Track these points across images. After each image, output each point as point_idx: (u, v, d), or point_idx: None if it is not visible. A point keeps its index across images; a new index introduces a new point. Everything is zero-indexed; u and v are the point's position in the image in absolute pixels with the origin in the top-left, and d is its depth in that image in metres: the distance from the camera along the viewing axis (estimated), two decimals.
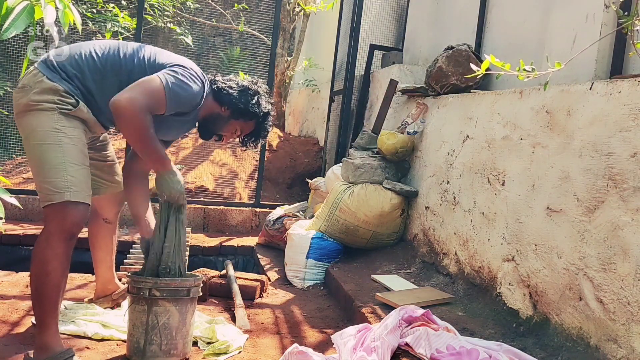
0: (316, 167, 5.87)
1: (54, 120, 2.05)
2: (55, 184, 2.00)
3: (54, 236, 1.99)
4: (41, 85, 2.07)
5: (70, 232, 2.01)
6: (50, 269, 1.97)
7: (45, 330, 1.98)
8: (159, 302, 2.07)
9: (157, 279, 2.10)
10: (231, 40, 7.05)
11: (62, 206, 1.99)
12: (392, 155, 3.64)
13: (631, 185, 1.90)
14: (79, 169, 2.06)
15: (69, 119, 2.10)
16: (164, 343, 2.07)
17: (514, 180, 2.58)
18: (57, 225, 1.99)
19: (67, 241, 2.00)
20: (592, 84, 2.17)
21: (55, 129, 2.04)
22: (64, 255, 2.00)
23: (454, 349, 1.95)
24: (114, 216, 2.60)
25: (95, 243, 2.61)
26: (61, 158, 2.03)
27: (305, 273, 3.43)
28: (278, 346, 2.40)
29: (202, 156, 5.54)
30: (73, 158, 2.06)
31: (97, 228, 2.59)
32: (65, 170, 2.01)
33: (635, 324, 1.82)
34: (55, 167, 2.02)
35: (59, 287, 2.01)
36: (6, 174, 5.04)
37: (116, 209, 2.60)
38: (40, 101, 2.06)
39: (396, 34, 5.37)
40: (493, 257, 2.65)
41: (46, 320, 1.98)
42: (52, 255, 1.98)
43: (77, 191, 2.02)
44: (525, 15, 3.41)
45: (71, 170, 2.03)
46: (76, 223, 2.03)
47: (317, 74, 7.41)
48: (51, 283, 1.98)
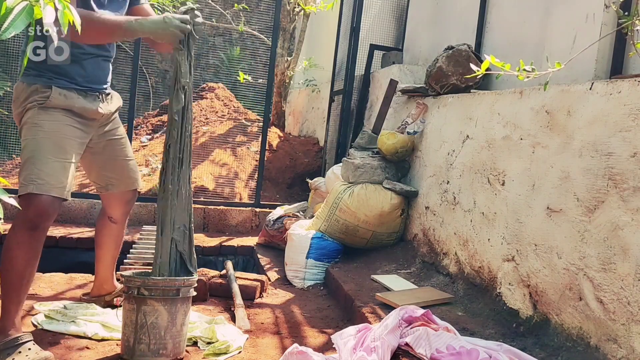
0: (316, 167, 5.87)
1: (34, 116, 2.16)
2: (24, 176, 2.09)
3: (18, 225, 2.07)
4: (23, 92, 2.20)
5: (32, 222, 2.06)
6: (13, 255, 2.05)
7: (5, 315, 2.05)
8: (147, 302, 2.06)
9: (145, 277, 2.10)
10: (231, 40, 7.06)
11: (26, 197, 2.07)
12: (392, 155, 3.64)
13: (631, 185, 1.90)
14: (49, 162, 2.11)
15: (49, 113, 2.18)
16: (153, 342, 2.06)
17: (514, 180, 2.57)
18: (21, 215, 2.06)
19: (29, 230, 2.06)
20: (592, 84, 2.17)
21: (34, 124, 2.16)
22: (27, 245, 2.06)
23: (454, 349, 1.95)
24: (120, 216, 2.58)
25: (98, 240, 2.63)
26: (32, 152, 2.12)
27: (305, 273, 3.43)
28: (278, 346, 2.40)
29: (202, 156, 5.54)
30: (45, 151, 2.12)
31: (102, 225, 2.60)
32: (34, 164, 2.09)
33: (635, 324, 1.81)
34: (26, 161, 2.12)
35: (22, 275, 2.06)
36: (6, 174, 5.05)
37: (123, 209, 2.57)
38: (26, 104, 2.18)
39: (396, 34, 5.37)
40: (493, 257, 2.65)
41: (8, 306, 2.05)
42: (14, 243, 2.05)
43: (41, 184, 2.07)
44: (525, 15, 3.41)
45: (39, 164, 2.09)
46: (38, 214, 2.07)
47: (317, 74, 7.41)
48: (13, 270, 2.05)
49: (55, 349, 2.13)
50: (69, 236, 3.98)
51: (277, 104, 6.91)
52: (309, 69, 7.56)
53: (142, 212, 4.59)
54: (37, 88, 2.18)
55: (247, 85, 6.25)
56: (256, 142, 5.69)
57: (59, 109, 2.20)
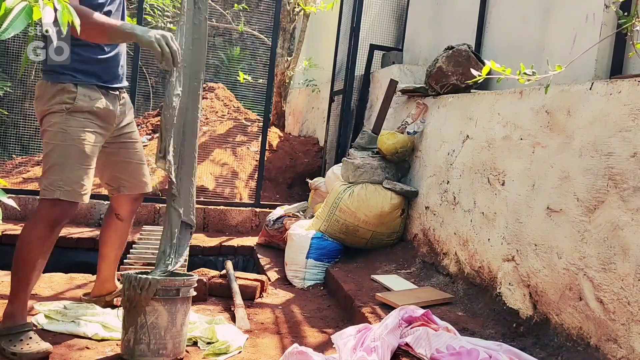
0: (316, 167, 5.87)
1: (62, 121, 2.23)
2: (51, 181, 2.19)
3: (41, 222, 2.19)
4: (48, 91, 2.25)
5: (55, 221, 2.20)
6: (31, 248, 2.16)
7: (15, 302, 2.17)
8: None
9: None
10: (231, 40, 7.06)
11: (52, 202, 2.19)
12: (392, 155, 3.64)
13: (631, 185, 1.90)
14: (75, 169, 2.22)
15: (76, 118, 2.25)
16: (153, 342, 2.06)
17: (514, 180, 2.57)
18: (44, 215, 2.19)
19: (51, 227, 2.19)
20: (592, 84, 2.17)
21: (61, 129, 2.23)
22: (46, 240, 2.19)
23: (454, 349, 1.95)
24: (127, 214, 2.62)
25: (103, 237, 2.65)
26: (60, 158, 2.20)
27: (305, 273, 3.43)
28: (278, 346, 2.40)
29: (202, 156, 5.54)
30: (72, 159, 2.22)
31: (109, 222, 2.63)
32: (62, 171, 2.20)
33: (635, 324, 1.81)
34: (53, 166, 2.21)
35: (34, 266, 2.17)
36: (6, 174, 5.05)
37: (130, 207, 2.61)
38: (52, 104, 2.23)
39: (396, 34, 5.37)
40: (493, 257, 2.65)
41: (18, 293, 2.17)
42: (35, 237, 2.17)
43: (69, 190, 2.19)
44: (525, 15, 3.41)
45: (67, 171, 2.20)
46: (63, 216, 2.23)
47: (317, 74, 7.41)
48: (30, 261, 2.16)
49: (55, 349, 2.13)
50: (69, 236, 3.98)
51: (277, 104, 6.91)
52: (309, 69, 7.56)
53: (142, 212, 4.59)
54: (64, 88, 2.23)
55: (247, 85, 6.25)
56: (256, 142, 5.69)
57: (85, 112, 2.26)
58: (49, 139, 2.23)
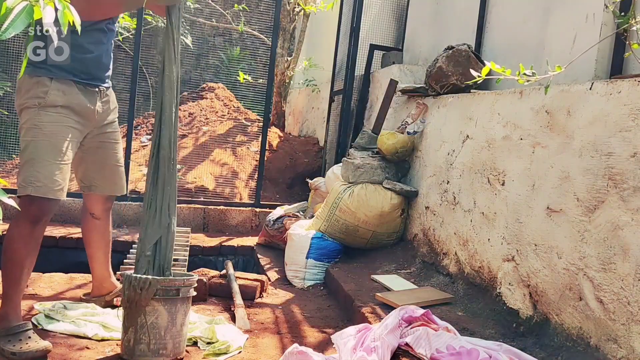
0: (316, 167, 5.87)
1: (34, 117, 2.22)
2: (23, 177, 2.18)
3: (21, 220, 2.18)
4: (24, 84, 2.25)
5: (35, 217, 2.18)
6: (15, 248, 2.16)
7: (7, 302, 2.16)
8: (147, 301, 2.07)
9: (146, 277, 2.10)
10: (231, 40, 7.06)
11: (28, 199, 2.18)
12: (392, 155, 3.64)
13: (631, 185, 1.90)
14: (47, 165, 2.20)
15: (49, 114, 2.23)
16: (153, 342, 2.06)
17: (514, 180, 2.57)
18: (23, 212, 2.16)
19: (31, 224, 2.18)
20: (592, 84, 2.17)
21: (33, 125, 2.22)
22: (29, 237, 2.17)
23: (454, 349, 1.95)
24: (101, 212, 2.61)
25: (86, 238, 2.65)
26: (32, 154, 2.19)
27: (305, 273, 3.43)
28: (278, 346, 2.40)
29: (202, 156, 5.54)
30: (44, 154, 2.20)
31: (86, 222, 2.63)
32: (33, 166, 2.18)
33: (635, 324, 1.81)
34: (26, 162, 2.20)
35: (22, 265, 2.17)
36: (6, 174, 5.05)
37: (103, 205, 2.60)
38: (26, 98, 2.23)
39: (396, 34, 5.37)
40: (493, 257, 2.65)
41: (9, 293, 2.16)
42: (17, 236, 2.16)
43: (40, 186, 2.17)
44: (525, 15, 3.41)
45: (38, 166, 2.18)
46: (41, 213, 2.20)
47: (317, 74, 7.40)
48: (16, 261, 2.16)
49: (55, 348, 2.13)
50: (69, 236, 3.98)
51: (277, 104, 6.91)
52: (309, 69, 7.56)
53: (142, 212, 4.58)
54: (39, 81, 2.23)
55: (247, 85, 6.25)
56: (256, 142, 5.69)
57: (58, 107, 2.24)
58: (23, 136, 2.23)
